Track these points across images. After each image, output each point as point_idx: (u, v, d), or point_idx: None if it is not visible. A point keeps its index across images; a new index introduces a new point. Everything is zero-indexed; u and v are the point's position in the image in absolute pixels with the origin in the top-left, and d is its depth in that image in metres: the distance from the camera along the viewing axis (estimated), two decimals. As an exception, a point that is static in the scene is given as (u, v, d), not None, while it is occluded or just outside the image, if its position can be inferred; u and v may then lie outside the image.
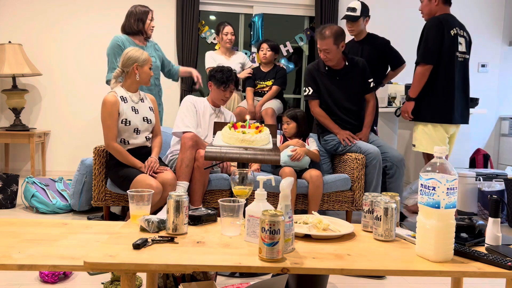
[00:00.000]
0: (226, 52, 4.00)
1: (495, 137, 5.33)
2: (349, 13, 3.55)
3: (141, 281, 2.06)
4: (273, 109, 3.71)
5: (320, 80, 3.28)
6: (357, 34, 3.63)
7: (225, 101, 3.07)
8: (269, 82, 3.90)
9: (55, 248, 1.39)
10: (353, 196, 3.11)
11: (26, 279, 2.05)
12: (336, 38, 3.09)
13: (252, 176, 1.68)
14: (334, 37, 3.08)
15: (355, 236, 1.52)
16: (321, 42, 3.11)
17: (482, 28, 5.24)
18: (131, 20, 3.35)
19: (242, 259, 1.23)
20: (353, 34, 3.65)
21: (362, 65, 3.28)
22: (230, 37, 3.94)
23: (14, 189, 3.41)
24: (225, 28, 3.94)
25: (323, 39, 3.09)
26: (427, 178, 1.28)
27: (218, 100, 3.05)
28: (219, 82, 2.97)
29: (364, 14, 3.55)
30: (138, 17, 3.34)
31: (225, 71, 2.99)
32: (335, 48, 3.11)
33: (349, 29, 3.60)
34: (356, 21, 3.54)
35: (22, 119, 4.50)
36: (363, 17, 3.56)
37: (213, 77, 3.00)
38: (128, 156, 2.67)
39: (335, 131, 3.27)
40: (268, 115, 3.68)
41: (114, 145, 2.65)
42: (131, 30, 3.35)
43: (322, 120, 3.32)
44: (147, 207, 1.63)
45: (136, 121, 2.71)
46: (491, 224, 1.43)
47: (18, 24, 4.59)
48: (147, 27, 3.38)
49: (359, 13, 3.52)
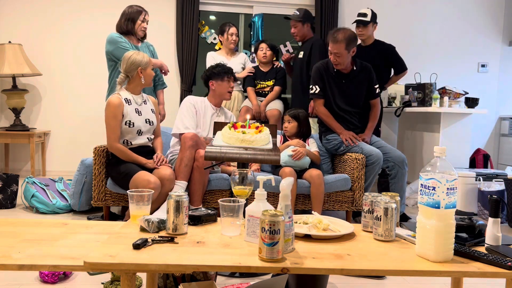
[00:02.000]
0: (228, 52, 4.00)
1: (495, 137, 5.33)
2: (361, 18, 3.75)
3: (141, 281, 2.06)
4: (279, 111, 3.73)
5: (327, 80, 3.27)
6: (366, 39, 3.80)
7: (231, 92, 3.08)
8: (270, 82, 3.90)
9: (55, 248, 1.39)
10: (353, 196, 3.11)
11: (26, 279, 2.05)
12: (349, 43, 3.10)
13: (252, 176, 1.68)
14: (346, 41, 3.08)
15: (355, 236, 1.52)
16: (333, 45, 3.11)
17: (482, 28, 5.24)
18: (122, 19, 3.36)
19: (242, 259, 1.23)
20: (362, 38, 3.79)
21: (369, 71, 3.30)
22: (234, 38, 3.95)
23: (14, 189, 3.41)
24: (231, 29, 3.94)
25: (335, 42, 3.09)
26: (427, 178, 1.28)
27: (225, 94, 3.05)
28: (222, 73, 3.00)
29: (373, 20, 3.76)
30: (129, 17, 3.34)
31: (220, 64, 3.06)
32: (346, 52, 3.11)
33: (359, 33, 3.75)
34: (367, 26, 3.73)
35: (22, 119, 4.50)
36: (372, 23, 3.76)
37: (213, 74, 3.02)
38: (131, 155, 2.71)
39: (338, 131, 3.27)
40: (275, 117, 3.70)
41: (117, 145, 2.69)
42: (121, 30, 3.36)
43: (326, 119, 3.31)
44: (147, 207, 1.63)
45: (139, 123, 2.75)
46: (491, 224, 1.43)
47: (18, 24, 4.58)
48: (137, 27, 3.36)
49: (370, 18, 3.72)
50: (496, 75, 5.31)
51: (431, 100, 4.03)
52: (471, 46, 5.24)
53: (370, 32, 3.77)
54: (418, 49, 5.12)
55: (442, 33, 5.19)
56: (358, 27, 3.76)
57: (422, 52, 5.14)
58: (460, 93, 4.08)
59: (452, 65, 5.21)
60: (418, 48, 5.12)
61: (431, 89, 4.08)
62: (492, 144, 5.33)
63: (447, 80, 4.94)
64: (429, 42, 5.17)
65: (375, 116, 3.38)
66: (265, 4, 4.94)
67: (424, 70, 4.78)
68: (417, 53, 5.10)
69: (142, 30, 3.40)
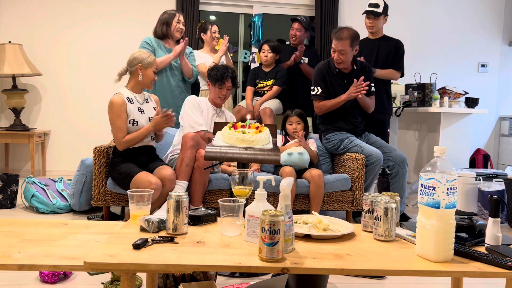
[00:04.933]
0: (212, 50, 3.98)
1: (495, 137, 5.33)
2: (372, 8, 3.58)
3: (141, 281, 2.06)
4: (271, 108, 3.70)
5: (330, 80, 3.26)
6: (375, 31, 3.65)
7: (223, 99, 3.06)
8: (269, 81, 3.89)
9: (55, 248, 1.39)
10: (353, 196, 3.11)
11: (26, 279, 2.05)
12: (353, 40, 3.09)
13: (252, 176, 1.68)
14: (351, 39, 3.08)
15: (355, 236, 1.52)
16: (337, 42, 3.10)
17: (482, 28, 5.24)
18: (158, 24, 3.57)
19: (242, 259, 1.23)
20: (372, 30, 3.65)
21: (369, 70, 3.29)
22: (217, 35, 3.97)
23: (14, 189, 3.41)
24: (213, 27, 3.94)
25: (340, 40, 3.08)
26: (427, 178, 1.28)
27: (216, 99, 3.05)
28: (213, 79, 2.98)
29: (385, 12, 3.60)
30: (163, 21, 3.54)
31: (220, 68, 3.01)
32: (350, 50, 3.11)
33: (370, 24, 3.62)
34: (378, 18, 3.58)
35: (22, 119, 4.50)
36: (384, 15, 3.60)
37: (209, 76, 3.02)
38: (139, 133, 2.70)
39: (342, 98, 3.16)
40: (266, 115, 3.67)
41: (124, 139, 2.68)
42: (157, 35, 3.56)
43: (326, 104, 3.23)
44: (147, 207, 1.63)
45: (143, 121, 2.75)
46: (491, 224, 1.43)
47: (18, 24, 4.59)
48: (173, 29, 3.53)
49: (382, 10, 3.57)
50: (496, 75, 5.31)
51: (431, 100, 4.03)
52: (471, 46, 5.25)
53: (380, 24, 3.61)
54: (418, 49, 5.12)
55: (442, 33, 5.19)
56: (368, 17, 3.60)
57: (422, 52, 5.15)
58: (460, 93, 4.08)
59: (452, 65, 5.21)
60: (418, 48, 5.12)
61: (431, 89, 4.08)
62: (492, 144, 5.33)
63: (447, 80, 4.95)
64: (429, 42, 5.17)
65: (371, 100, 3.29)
66: (265, 4, 4.94)
67: (424, 70, 4.78)
68: (417, 53, 5.10)
69: (178, 31, 3.56)
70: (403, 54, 3.64)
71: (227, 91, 3.03)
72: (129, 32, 4.71)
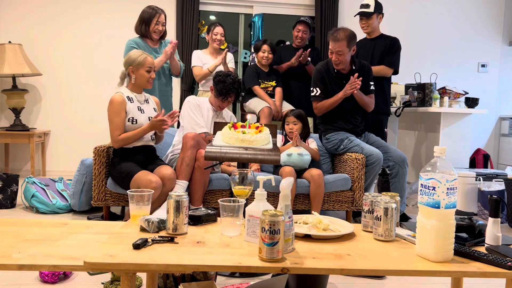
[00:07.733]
0: (214, 52, 3.96)
1: (495, 137, 5.33)
2: (363, 9, 3.55)
3: (141, 281, 2.06)
4: (269, 107, 3.70)
5: (329, 81, 3.26)
6: (371, 31, 3.61)
7: (222, 108, 3.11)
8: (273, 82, 3.90)
9: (55, 248, 1.39)
10: (353, 196, 3.11)
11: (26, 279, 2.05)
12: (349, 41, 3.09)
13: (252, 176, 1.68)
14: (347, 39, 3.08)
15: (355, 236, 1.52)
16: (334, 44, 3.10)
17: (482, 28, 5.24)
18: (138, 22, 3.45)
19: (242, 259, 1.23)
20: (367, 31, 3.63)
21: (367, 69, 3.28)
22: (219, 37, 3.90)
23: (14, 189, 3.41)
24: (216, 29, 3.91)
25: (337, 41, 3.08)
26: (427, 178, 1.28)
27: (216, 106, 3.10)
28: (218, 92, 2.99)
29: (377, 11, 3.55)
30: (143, 20, 3.42)
31: (228, 83, 2.96)
32: (347, 50, 3.11)
33: (363, 25, 3.60)
34: (370, 17, 3.54)
35: (22, 119, 4.50)
36: (377, 14, 3.56)
37: (215, 84, 3.00)
38: (136, 132, 2.68)
39: (339, 95, 3.15)
40: (264, 114, 3.66)
41: (120, 137, 2.67)
42: (137, 33, 3.46)
43: (324, 104, 3.23)
44: (147, 207, 1.63)
45: (142, 120, 2.75)
46: (491, 224, 1.43)
47: (18, 24, 4.59)
48: (151, 30, 3.41)
49: (373, 9, 3.53)
50: (496, 75, 5.31)
51: (431, 100, 4.03)
52: (471, 46, 5.25)
53: (375, 23, 3.57)
54: (418, 49, 5.12)
55: (442, 33, 5.19)
56: (361, 19, 3.59)
57: (422, 52, 5.15)
58: (460, 93, 4.08)
59: (452, 65, 5.21)
60: (418, 48, 5.13)
61: (431, 89, 4.08)
62: (492, 144, 5.33)
63: (447, 80, 4.95)
64: (429, 42, 5.17)
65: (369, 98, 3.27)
66: (265, 4, 4.94)
67: (424, 70, 4.78)
68: (417, 53, 5.11)
69: (155, 31, 3.42)
70: (398, 51, 3.58)
71: (228, 103, 3.07)
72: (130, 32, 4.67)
